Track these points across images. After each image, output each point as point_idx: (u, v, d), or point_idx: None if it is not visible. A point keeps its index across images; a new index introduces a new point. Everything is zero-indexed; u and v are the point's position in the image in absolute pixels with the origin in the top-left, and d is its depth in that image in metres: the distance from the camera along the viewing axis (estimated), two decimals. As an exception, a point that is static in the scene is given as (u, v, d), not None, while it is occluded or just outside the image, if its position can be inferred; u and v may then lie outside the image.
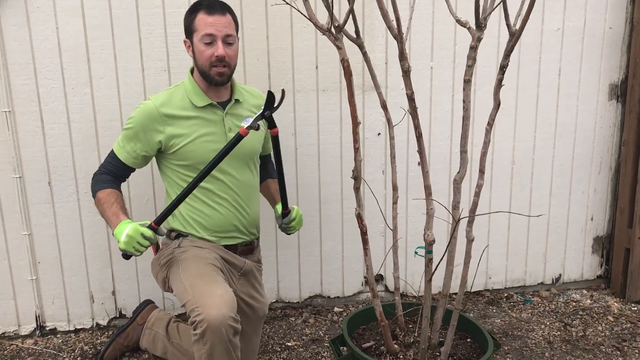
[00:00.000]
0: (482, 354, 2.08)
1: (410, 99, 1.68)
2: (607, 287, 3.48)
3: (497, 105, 1.73)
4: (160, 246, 2.33)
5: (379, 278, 3.21)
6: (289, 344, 2.84)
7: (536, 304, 3.29)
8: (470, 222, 1.87)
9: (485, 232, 3.24)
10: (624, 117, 3.24)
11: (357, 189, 1.93)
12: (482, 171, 1.81)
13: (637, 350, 2.80)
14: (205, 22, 2.10)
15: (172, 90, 2.23)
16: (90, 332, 2.92)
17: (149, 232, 1.98)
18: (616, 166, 3.33)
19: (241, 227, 2.31)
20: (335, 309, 3.18)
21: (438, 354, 2.09)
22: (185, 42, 2.22)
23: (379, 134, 3.01)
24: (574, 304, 3.30)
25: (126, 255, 2.04)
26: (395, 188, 2.12)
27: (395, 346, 2.10)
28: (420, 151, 1.75)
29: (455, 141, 3.10)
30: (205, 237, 2.25)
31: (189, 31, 2.17)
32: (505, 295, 3.39)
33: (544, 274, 3.43)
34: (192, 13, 2.15)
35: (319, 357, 2.72)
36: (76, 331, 2.92)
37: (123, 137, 2.20)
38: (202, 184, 2.15)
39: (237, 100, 2.27)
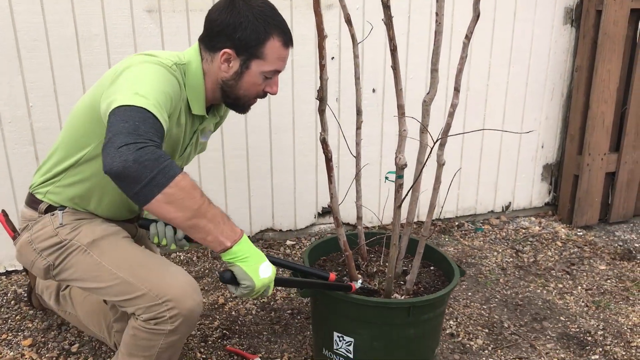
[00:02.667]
0: (447, 281, 2.04)
1: (386, 6, 1.52)
2: (555, 214, 3.53)
3: (476, 16, 1.59)
4: (20, 224, 1.83)
5: (330, 211, 3.12)
6: (242, 279, 2.72)
7: (487, 232, 3.30)
8: (442, 146, 1.77)
9: (439, 161, 3.18)
10: (577, 42, 3.20)
11: (322, 111, 1.77)
12: (457, 89, 1.69)
13: (585, 273, 2.86)
14: (280, 55, 1.65)
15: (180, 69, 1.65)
16: (23, 274, 2.69)
17: (272, 289, 1.52)
18: (568, 92, 3.31)
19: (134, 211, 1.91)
20: (288, 242, 3.08)
21: (403, 282, 2.02)
22: (225, 53, 1.62)
23: (332, 58, 2.83)
24: (523, 230, 3.33)
25: (231, 280, 1.45)
26: (359, 112, 1.98)
27: (359, 276, 2.01)
28: (395, 67, 1.60)
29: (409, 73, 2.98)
30: (89, 209, 1.77)
31: (250, 51, 1.62)
32: (457, 224, 3.38)
33: (494, 202, 3.44)
34: (263, 30, 1.60)
35: (274, 291, 2.62)
36: (7, 273, 2.69)
37: (159, 99, 1.43)
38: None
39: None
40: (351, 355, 1.87)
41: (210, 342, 2.24)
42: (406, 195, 1.75)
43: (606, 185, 3.35)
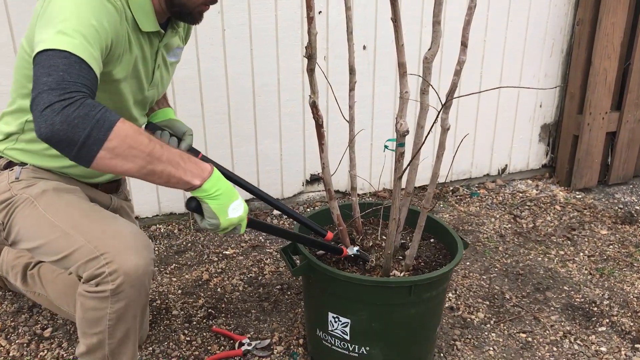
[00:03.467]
0: (449, 254, 1.89)
1: (386, -52, 1.32)
2: (552, 176, 3.39)
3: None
4: None
5: (319, 178, 2.94)
6: (227, 252, 2.56)
7: (483, 197, 3.16)
8: (447, 108, 1.59)
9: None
10: (579, -7, 3.00)
11: (311, 70, 1.58)
12: (464, 44, 1.51)
13: (586, 239, 2.73)
14: None
15: None
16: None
17: (244, 229, 1.43)
18: (568, 48, 3.13)
19: None
20: (274, 212, 2.91)
21: (402, 257, 1.87)
22: None
23: (319, 12, 2.61)
24: (520, 194, 3.19)
25: (196, 209, 1.36)
26: (352, 72, 1.78)
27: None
28: (395, 19, 1.41)
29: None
30: (55, 169, 1.61)
31: None
32: (451, 188, 3.24)
33: (490, 165, 3.29)
34: None
35: (262, 265, 2.47)
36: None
37: (86, 36, 1.24)
38: None
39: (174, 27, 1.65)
40: (347, 337, 1.73)
41: (194, 323, 2.08)
42: (408, 165, 1.57)
43: (605, 145, 3.21)
